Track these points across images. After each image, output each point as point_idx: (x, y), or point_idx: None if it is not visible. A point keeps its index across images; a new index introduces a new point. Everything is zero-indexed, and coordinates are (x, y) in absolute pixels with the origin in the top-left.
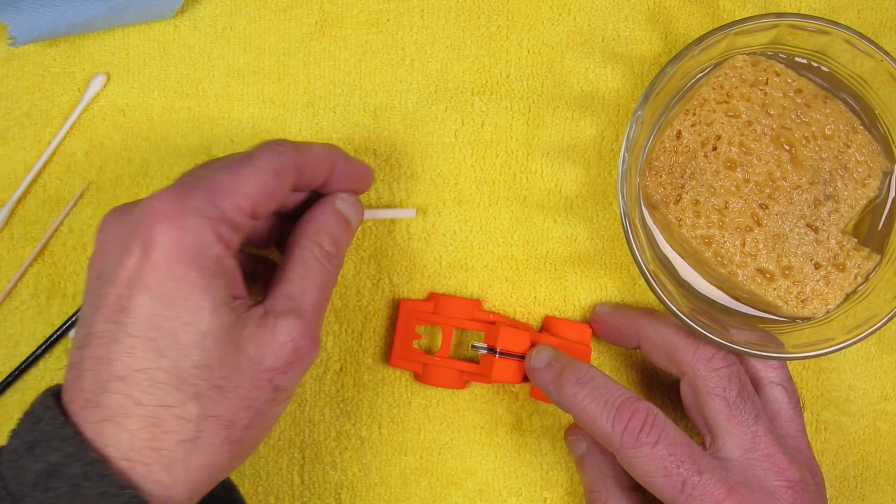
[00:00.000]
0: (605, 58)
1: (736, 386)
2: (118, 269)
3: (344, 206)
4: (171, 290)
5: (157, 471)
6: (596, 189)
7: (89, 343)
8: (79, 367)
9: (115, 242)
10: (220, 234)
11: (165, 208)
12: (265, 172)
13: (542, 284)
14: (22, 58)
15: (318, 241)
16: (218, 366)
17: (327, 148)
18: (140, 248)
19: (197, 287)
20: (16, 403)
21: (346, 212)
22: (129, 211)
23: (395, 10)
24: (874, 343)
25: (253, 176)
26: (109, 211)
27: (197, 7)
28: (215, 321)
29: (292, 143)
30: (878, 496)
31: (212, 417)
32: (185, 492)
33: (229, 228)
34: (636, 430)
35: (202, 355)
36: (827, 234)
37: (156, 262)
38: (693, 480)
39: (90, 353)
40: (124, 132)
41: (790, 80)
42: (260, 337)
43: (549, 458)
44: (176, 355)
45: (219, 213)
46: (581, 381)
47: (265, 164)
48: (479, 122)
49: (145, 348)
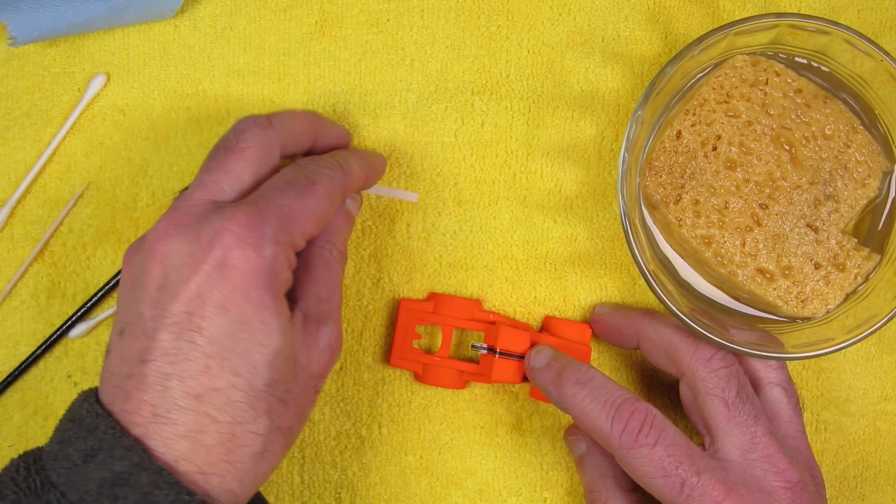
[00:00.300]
0: (605, 58)
1: (735, 386)
2: (187, 285)
3: (353, 205)
4: (246, 312)
5: (231, 481)
6: (596, 189)
7: (153, 358)
8: (139, 379)
9: (181, 258)
10: (290, 260)
11: (243, 234)
12: (325, 200)
13: (542, 284)
14: (22, 58)
15: (335, 242)
16: (283, 380)
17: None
18: (215, 269)
19: (270, 310)
20: (16, 403)
21: (353, 210)
22: (197, 228)
23: (395, 10)
24: (874, 343)
25: (316, 205)
26: (167, 222)
27: (197, 7)
28: (285, 340)
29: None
30: (878, 496)
31: (278, 429)
32: (248, 495)
33: (294, 253)
34: (635, 430)
35: (273, 373)
36: (827, 234)
37: (234, 286)
38: (692, 481)
39: (157, 368)
40: (124, 132)
41: (790, 80)
42: (307, 344)
43: (549, 458)
44: (250, 374)
45: (289, 240)
46: (580, 381)
47: (325, 192)
48: (479, 122)
49: (221, 367)
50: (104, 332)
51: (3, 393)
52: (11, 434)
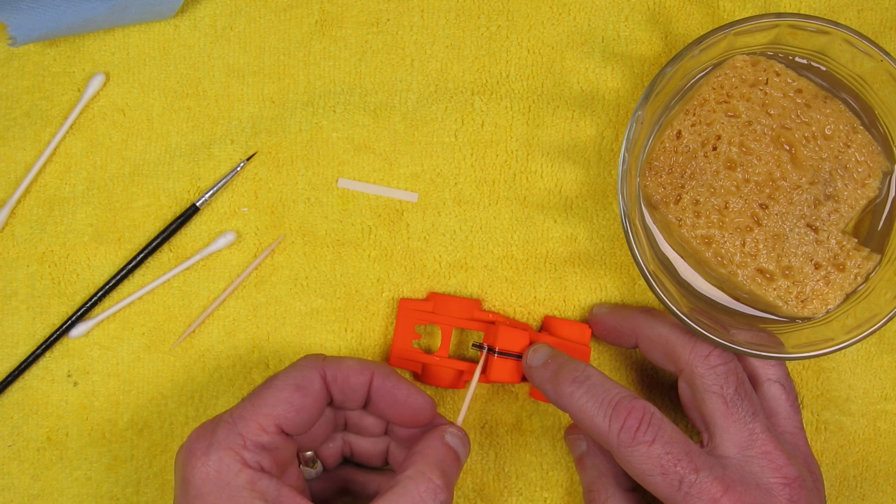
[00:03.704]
0: (605, 58)
1: (733, 383)
2: (175, 500)
3: (453, 440)
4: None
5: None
6: (596, 189)
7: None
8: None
9: (175, 476)
10: (245, 461)
11: (194, 447)
12: (284, 389)
13: (542, 284)
14: (22, 58)
15: (429, 475)
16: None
17: (364, 362)
18: (181, 486)
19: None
20: (16, 403)
21: (456, 446)
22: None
23: (395, 10)
24: (874, 343)
25: (272, 395)
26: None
27: (197, 7)
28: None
29: (321, 356)
30: (878, 496)
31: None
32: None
33: (255, 452)
34: (633, 428)
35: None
36: (827, 234)
37: (192, 497)
38: (690, 478)
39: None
40: (124, 132)
41: (790, 80)
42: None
43: (548, 458)
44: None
45: (241, 440)
46: (578, 379)
47: (283, 382)
48: (479, 122)
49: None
50: (104, 332)
51: (3, 393)
52: (11, 433)
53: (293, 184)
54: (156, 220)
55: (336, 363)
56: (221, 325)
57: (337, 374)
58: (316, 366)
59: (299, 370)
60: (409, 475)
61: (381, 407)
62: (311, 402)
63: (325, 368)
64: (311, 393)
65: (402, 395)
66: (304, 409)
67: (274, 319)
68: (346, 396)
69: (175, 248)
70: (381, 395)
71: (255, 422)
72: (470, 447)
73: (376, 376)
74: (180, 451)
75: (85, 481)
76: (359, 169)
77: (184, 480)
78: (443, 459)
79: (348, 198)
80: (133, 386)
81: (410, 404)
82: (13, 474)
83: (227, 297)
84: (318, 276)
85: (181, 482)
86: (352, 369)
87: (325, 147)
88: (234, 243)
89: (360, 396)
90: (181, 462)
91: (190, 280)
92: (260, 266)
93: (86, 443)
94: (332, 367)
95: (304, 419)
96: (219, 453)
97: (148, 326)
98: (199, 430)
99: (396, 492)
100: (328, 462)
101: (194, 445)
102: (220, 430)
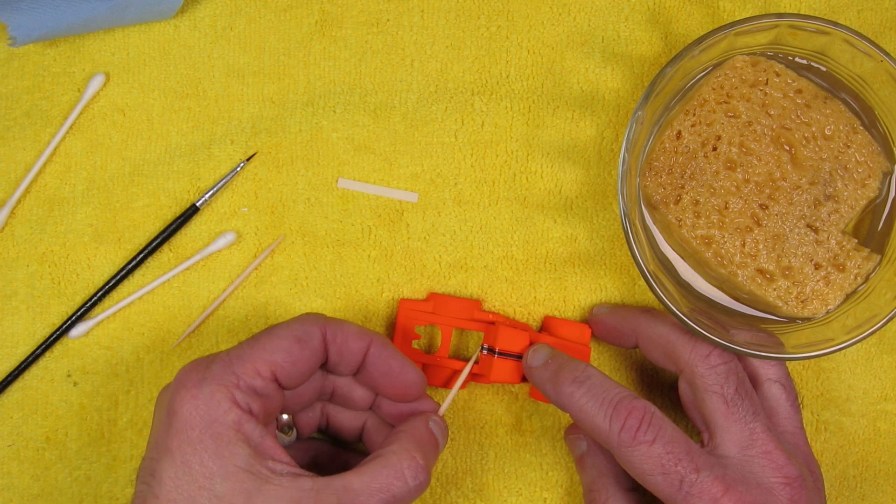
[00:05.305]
0: (605, 58)
1: (734, 383)
2: (152, 436)
3: (436, 428)
4: (187, 455)
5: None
6: (596, 189)
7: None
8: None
9: (157, 412)
10: (236, 400)
11: (186, 379)
12: (284, 338)
13: (542, 284)
14: (22, 58)
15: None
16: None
17: (364, 329)
18: (166, 416)
19: (211, 452)
20: (16, 403)
21: (438, 434)
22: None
23: (395, 10)
24: (874, 343)
25: (271, 342)
26: (164, 387)
27: (197, 7)
28: (228, 486)
29: (322, 315)
30: (878, 496)
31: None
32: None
33: (247, 394)
34: (633, 428)
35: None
36: (827, 234)
37: (176, 430)
38: (691, 478)
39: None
40: (124, 132)
41: (790, 80)
42: None
43: (548, 459)
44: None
45: (235, 379)
46: (578, 379)
47: (285, 331)
48: (479, 122)
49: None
50: (104, 331)
51: (3, 392)
52: (11, 433)
53: (293, 184)
54: (156, 220)
55: (337, 324)
56: (221, 325)
57: (337, 335)
58: (317, 322)
59: (301, 323)
60: (393, 450)
61: (374, 375)
62: (309, 355)
63: (327, 327)
64: (310, 347)
65: (396, 366)
66: (300, 361)
67: (274, 319)
68: (341, 359)
69: (175, 248)
70: (376, 364)
71: (252, 364)
72: (447, 441)
73: (374, 344)
74: (167, 387)
75: (85, 481)
76: (359, 169)
77: (169, 412)
78: (426, 443)
79: (348, 198)
80: (133, 386)
81: (403, 377)
82: (13, 474)
83: (227, 297)
84: (318, 277)
85: (167, 414)
86: (352, 333)
87: (325, 147)
88: (234, 243)
89: (356, 361)
90: (168, 394)
91: (190, 280)
92: (260, 266)
93: (86, 443)
94: (333, 327)
95: (298, 371)
96: (211, 387)
97: (148, 326)
98: (191, 364)
99: (380, 462)
100: (303, 430)
101: (185, 378)
102: (216, 365)
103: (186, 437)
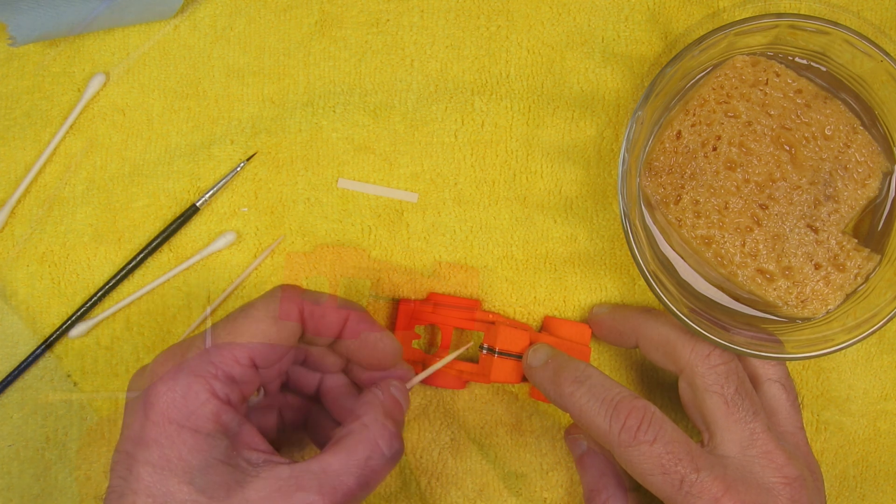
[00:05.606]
0: (605, 58)
1: (734, 383)
2: (128, 427)
3: (397, 392)
4: (165, 449)
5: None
6: (596, 189)
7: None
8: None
9: (132, 402)
10: (214, 391)
11: (161, 370)
12: (262, 320)
13: (542, 284)
14: (22, 58)
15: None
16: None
17: (343, 300)
18: (142, 408)
19: (189, 446)
20: (16, 403)
21: (399, 397)
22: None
23: (395, 10)
24: (874, 343)
25: (248, 326)
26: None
27: (197, 7)
28: (208, 479)
29: (298, 289)
30: (878, 496)
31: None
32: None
33: (225, 383)
34: (633, 428)
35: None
36: (827, 234)
37: (153, 423)
38: (691, 478)
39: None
40: (124, 132)
41: (790, 80)
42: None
43: (548, 459)
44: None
45: (213, 369)
46: (578, 379)
47: (262, 313)
48: (479, 122)
49: None
50: (104, 331)
51: (2, 392)
52: (11, 433)
53: (293, 184)
54: (156, 220)
55: (315, 298)
56: None
57: (314, 310)
58: (294, 298)
59: (278, 302)
60: (364, 423)
61: (351, 348)
62: (287, 335)
63: (304, 303)
64: (289, 326)
65: (373, 337)
66: (279, 342)
67: None
68: (318, 332)
69: (175, 248)
70: (353, 336)
71: (230, 352)
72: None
73: (352, 316)
74: (141, 370)
75: (85, 481)
76: (359, 169)
77: (146, 403)
78: (393, 410)
79: (348, 198)
80: None
81: (381, 348)
82: (14, 474)
83: (227, 297)
84: (318, 277)
85: (143, 405)
86: (329, 307)
87: (325, 147)
88: (234, 243)
89: (333, 334)
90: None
91: (190, 280)
92: (260, 266)
93: (86, 443)
94: (310, 302)
95: (277, 353)
96: (188, 379)
97: (148, 326)
98: (167, 353)
99: (354, 438)
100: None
101: (161, 368)
102: (193, 355)
103: (164, 430)
